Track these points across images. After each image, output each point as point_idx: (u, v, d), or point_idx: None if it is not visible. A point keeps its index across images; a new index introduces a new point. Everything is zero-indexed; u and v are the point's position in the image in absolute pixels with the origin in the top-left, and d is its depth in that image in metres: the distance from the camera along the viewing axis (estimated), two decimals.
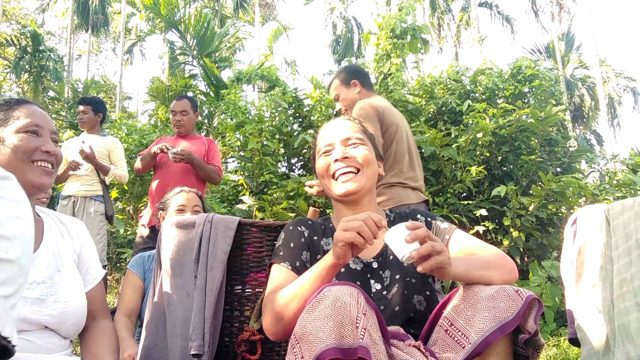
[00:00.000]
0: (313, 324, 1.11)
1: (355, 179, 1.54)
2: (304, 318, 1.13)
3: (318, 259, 1.47)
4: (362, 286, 1.45)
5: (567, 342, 3.35)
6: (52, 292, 1.36)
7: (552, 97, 6.15)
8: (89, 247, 1.60)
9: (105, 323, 1.55)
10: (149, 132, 8.49)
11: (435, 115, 6.21)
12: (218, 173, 3.95)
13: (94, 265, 1.59)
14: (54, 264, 1.42)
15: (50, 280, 1.38)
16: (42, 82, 20.04)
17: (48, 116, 1.53)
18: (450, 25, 25.29)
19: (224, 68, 13.78)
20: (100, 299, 1.58)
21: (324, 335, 1.08)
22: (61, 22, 28.18)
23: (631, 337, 1.38)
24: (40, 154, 1.44)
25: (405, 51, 7.01)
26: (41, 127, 1.47)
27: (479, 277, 1.31)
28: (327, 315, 1.10)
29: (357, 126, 1.66)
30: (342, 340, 1.07)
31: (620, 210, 1.55)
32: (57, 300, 1.36)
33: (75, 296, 1.43)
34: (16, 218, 0.74)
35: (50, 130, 1.50)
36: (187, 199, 2.58)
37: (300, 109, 6.45)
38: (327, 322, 1.09)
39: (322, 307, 1.12)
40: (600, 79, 19.83)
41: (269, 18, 26.01)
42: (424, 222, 1.57)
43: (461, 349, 1.23)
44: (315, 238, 1.57)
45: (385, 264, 1.53)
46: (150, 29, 19.15)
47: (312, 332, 1.09)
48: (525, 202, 4.74)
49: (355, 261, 1.52)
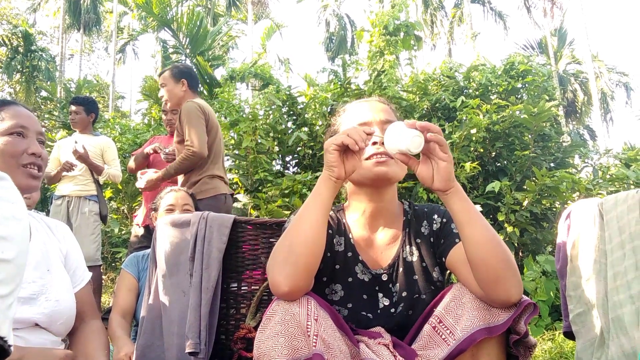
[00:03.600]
0: (266, 343, 1.11)
1: (391, 162, 1.38)
2: (258, 338, 1.14)
3: (328, 255, 1.41)
4: (369, 301, 1.42)
5: (562, 336, 3.37)
6: (42, 291, 1.36)
7: (545, 93, 6.16)
8: (74, 250, 1.59)
9: (94, 323, 1.54)
10: (143, 132, 8.46)
11: (429, 111, 6.22)
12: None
13: (80, 267, 1.59)
14: (44, 264, 1.42)
15: (41, 280, 1.37)
16: (34, 82, 19.90)
17: (34, 116, 1.52)
18: (443, 21, 25.31)
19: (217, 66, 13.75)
20: (89, 300, 1.58)
21: (277, 353, 1.09)
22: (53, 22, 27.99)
23: (625, 330, 1.39)
24: (28, 157, 1.43)
25: (398, 48, 7.01)
26: (27, 128, 1.46)
27: (480, 235, 1.21)
28: (278, 332, 1.11)
29: (392, 111, 1.53)
30: (295, 353, 1.08)
31: (614, 203, 1.56)
32: (48, 299, 1.36)
33: (66, 295, 1.43)
34: (12, 218, 0.74)
35: (36, 131, 1.48)
36: (175, 198, 2.57)
37: (294, 107, 6.44)
38: (278, 339, 1.10)
39: (273, 324, 1.13)
40: (592, 74, 19.91)
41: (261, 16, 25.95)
42: (440, 222, 1.46)
43: (447, 346, 1.22)
44: (329, 232, 1.44)
45: (396, 276, 1.43)
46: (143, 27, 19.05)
47: (265, 353, 1.10)
48: (519, 197, 4.75)
49: (363, 271, 1.43)
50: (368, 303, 1.42)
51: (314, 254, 1.22)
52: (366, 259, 1.45)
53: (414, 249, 1.45)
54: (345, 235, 1.47)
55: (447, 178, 1.22)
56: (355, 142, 1.20)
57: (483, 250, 1.20)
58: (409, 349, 1.29)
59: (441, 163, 1.21)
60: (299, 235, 1.22)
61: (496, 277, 1.18)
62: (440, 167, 1.22)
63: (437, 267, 1.44)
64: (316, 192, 1.27)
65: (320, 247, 1.24)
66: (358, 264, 1.44)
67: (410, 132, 1.19)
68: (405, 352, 1.27)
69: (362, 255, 1.45)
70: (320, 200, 1.25)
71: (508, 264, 1.20)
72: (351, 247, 1.45)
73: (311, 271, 1.22)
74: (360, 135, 1.22)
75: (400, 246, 1.46)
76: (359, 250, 1.45)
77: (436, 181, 1.23)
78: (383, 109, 1.49)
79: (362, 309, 1.41)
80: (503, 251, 1.20)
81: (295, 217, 1.28)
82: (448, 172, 1.21)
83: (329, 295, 1.43)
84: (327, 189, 1.26)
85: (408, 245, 1.46)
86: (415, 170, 1.27)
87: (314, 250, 1.22)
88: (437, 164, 1.22)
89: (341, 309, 1.41)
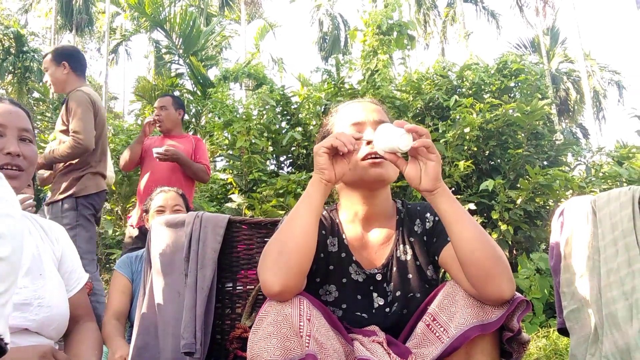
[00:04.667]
0: (259, 344, 1.12)
1: (386, 164, 1.37)
2: (251, 340, 1.14)
3: (322, 256, 1.43)
4: (364, 301, 1.42)
5: (556, 333, 3.38)
6: (35, 297, 1.32)
7: (538, 91, 6.19)
8: (70, 252, 1.55)
9: (89, 325, 1.53)
10: (136, 132, 8.43)
11: (423, 110, 6.23)
12: (206, 171, 3.93)
13: (76, 270, 1.55)
14: (36, 268, 1.37)
15: (32, 285, 1.33)
16: (26, 84, 19.77)
17: (17, 111, 1.42)
18: (436, 21, 25.35)
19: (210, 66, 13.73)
20: (85, 303, 1.55)
21: (269, 354, 1.09)
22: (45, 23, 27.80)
23: (619, 326, 1.40)
24: (3, 157, 1.34)
25: (391, 47, 7.03)
26: (4, 126, 1.37)
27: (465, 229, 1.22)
28: (270, 334, 1.11)
29: (385, 112, 1.53)
30: (288, 354, 1.09)
31: (606, 201, 1.56)
32: (40, 305, 1.32)
33: (59, 301, 1.39)
34: (5, 216, 0.73)
35: (17, 127, 1.40)
36: (165, 199, 2.57)
37: (288, 107, 6.44)
38: (270, 340, 1.11)
39: (265, 325, 1.14)
40: (585, 73, 19.99)
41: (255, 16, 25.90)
42: (433, 220, 1.46)
43: (441, 344, 1.23)
44: (323, 232, 1.46)
45: (390, 276, 1.44)
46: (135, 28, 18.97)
47: (259, 354, 1.11)
48: (513, 195, 4.77)
49: (357, 272, 1.44)
50: (362, 303, 1.42)
51: (306, 254, 1.23)
52: (360, 259, 1.45)
53: (407, 248, 1.46)
54: (338, 236, 1.47)
55: (435, 178, 1.24)
56: (344, 144, 1.22)
57: (471, 247, 1.21)
58: (403, 347, 1.29)
59: (429, 163, 1.24)
60: (290, 237, 1.23)
61: (486, 274, 1.19)
62: (428, 167, 1.25)
63: (430, 265, 1.45)
64: (307, 194, 1.28)
65: (311, 248, 1.24)
66: (352, 265, 1.44)
67: (399, 131, 1.22)
68: (399, 350, 1.27)
69: (355, 255, 1.45)
70: (311, 203, 1.26)
71: (498, 261, 1.20)
72: (345, 248, 1.46)
73: (303, 271, 1.22)
74: (348, 138, 1.24)
75: (393, 245, 1.46)
76: (353, 251, 1.45)
77: (424, 181, 1.25)
78: (376, 109, 1.50)
79: (356, 310, 1.41)
80: (492, 248, 1.21)
81: (287, 219, 1.29)
82: (436, 172, 1.24)
83: (323, 296, 1.43)
84: (318, 192, 1.27)
85: (402, 244, 1.46)
86: (404, 171, 1.29)
87: (305, 251, 1.22)
88: (426, 164, 1.25)
89: (335, 310, 1.41)
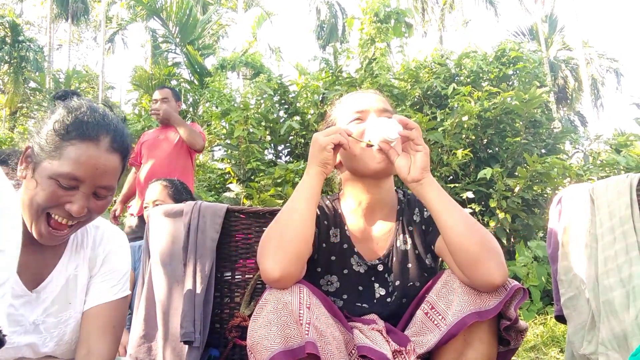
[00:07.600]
0: (259, 332, 1.13)
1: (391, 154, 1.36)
2: (251, 327, 1.15)
3: (324, 247, 1.44)
4: (365, 291, 1.44)
5: (553, 320, 3.41)
6: (58, 331, 1.27)
7: (536, 79, 6.18)
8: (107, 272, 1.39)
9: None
10: (133, 122, 8.41)
11: (421, 99, 6.22)
12: (200, 135, 3.93)
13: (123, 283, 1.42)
14: (65, 296, 1.29)
15: (60, 314, 1.27)
16: (22, 73, 19.65)
17: (102, 162, 1.15)
18: (434, 8, 25.19)
19: (207, 55, 13.66)
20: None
21: (269, 342, 1.10)
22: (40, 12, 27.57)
23: (616, 313, 1.41)
24: (61, 209, 1.14)
25: (389, 35, 7.00)
26: (81, 180, 1.13)
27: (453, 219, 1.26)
28: (270, 321, 1.12)
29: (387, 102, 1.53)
30: (287, 342, 1.10)
31: (604, 189, 1.57)
32: (59, 343, 1.27)
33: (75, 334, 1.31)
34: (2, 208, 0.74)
35: (93, 184, 1.16)
36: (148, 195, 2.64)
37: (285, 96, 6.42)
38: (270, 327, 1.12)
39: (265, 312, 1.15)
40: (583, 61, 19.93)
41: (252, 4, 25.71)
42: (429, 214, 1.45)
43: (439, 331, 1.24)
44: (325, 223, 1.47)
45: (391, 266, 1.45)
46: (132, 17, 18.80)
47: (259, 341, 1.11)
48: (510, 183, 4.78)
49: (359, 263, 1.45)
50: (363, 294, 1.44)
51: (305, 241, 1.25)
52: (361, 250, 1.46)
53: (407, 237, 1.47)
54: (340, 227, 1.48)
55: (423, 168, 1.30)
56: (348, 142, 1.31)
57: (458, 233, 1.24)
58: (402, 335, 1.30)
59: (417, 154, 1.30)
60: (290, 225, 1.25)
61: (475, 260, 1.21)
62: (416, 158, 1.31)
63: (429, 254, 1.46)
64: (307, 185, 1.31)
65: (310, 235, 1.27)
66: (354, 256, 1.45)
67: (388, 121, 1.32)
68: (398, 337, 1.29)
69: (357, 247, 1.46)
70: (311, 194, 1.30)
71: (486, 246, 1.22)
72: (347, 239, 1.47)
73: (302, 258, 1.24)
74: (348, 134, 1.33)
75: (394, 235, 1.47)
76: (355, 242, 1.47)
77: (412, 171, 1.30)
78: (379, 98, 1.52)
79: (357, 300, 1.43)
80: (480, 234, 1.24)
81: (285, 207, 1.31)
82: (424, 162, 1.30)
83: (325, 286, 1.45)
84: (318, 183, 1.31)
85: (401, 234, 1.47)
86: (394, 161, 1.34)
87: (304, 238, 1.25)
88: (414, 155, 1.31)
89: (336, 300, 1.42)
